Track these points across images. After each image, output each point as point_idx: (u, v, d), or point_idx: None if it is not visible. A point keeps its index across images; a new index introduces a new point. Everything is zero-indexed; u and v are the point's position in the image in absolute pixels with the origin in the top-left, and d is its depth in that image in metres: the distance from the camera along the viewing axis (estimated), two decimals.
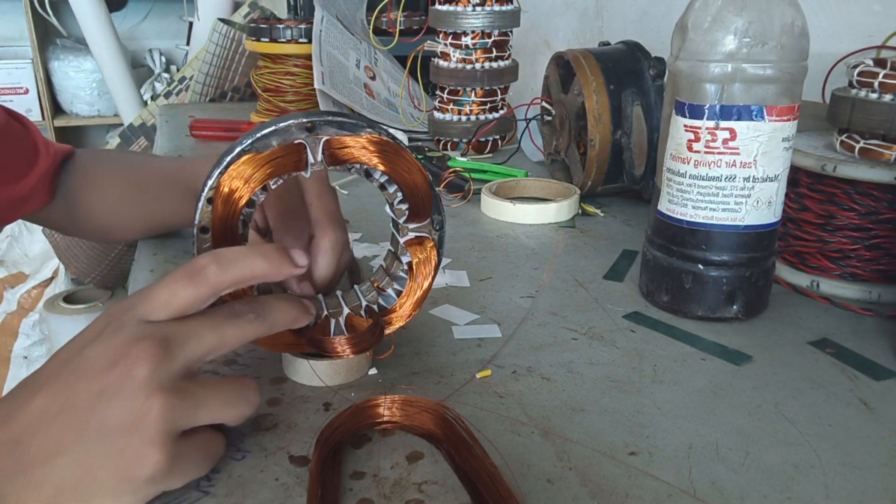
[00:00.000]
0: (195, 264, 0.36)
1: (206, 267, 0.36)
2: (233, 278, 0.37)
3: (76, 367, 0.34)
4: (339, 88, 1.07)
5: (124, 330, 0.35)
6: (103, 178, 0.69)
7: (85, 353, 0.34)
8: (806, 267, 0.60)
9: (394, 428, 0.41)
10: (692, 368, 0.49)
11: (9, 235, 2.15)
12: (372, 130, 0.41)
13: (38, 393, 0.34)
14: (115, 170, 0.70)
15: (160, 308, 0.36)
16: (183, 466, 0.35)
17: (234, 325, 0.37)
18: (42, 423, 0.33)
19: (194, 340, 0.35)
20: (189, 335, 0.35)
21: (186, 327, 0.36)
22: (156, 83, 2.82)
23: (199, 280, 0.36)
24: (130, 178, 0.68)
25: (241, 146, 0.40)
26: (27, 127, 0.68)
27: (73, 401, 0.33)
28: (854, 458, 0.40)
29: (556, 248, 0.64)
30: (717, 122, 0.50)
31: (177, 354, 0.35)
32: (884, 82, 0.53)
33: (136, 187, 0.68)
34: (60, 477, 0.32)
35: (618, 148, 0.79)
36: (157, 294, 0.36)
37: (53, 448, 0.33)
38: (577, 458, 0.39)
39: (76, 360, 0.34)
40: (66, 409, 0.33)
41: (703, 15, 0.50)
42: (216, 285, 0.36)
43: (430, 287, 0.46)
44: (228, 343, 0.37)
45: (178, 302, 0.36)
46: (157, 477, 0.33)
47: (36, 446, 0.33)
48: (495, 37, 0.98)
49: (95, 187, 0.69)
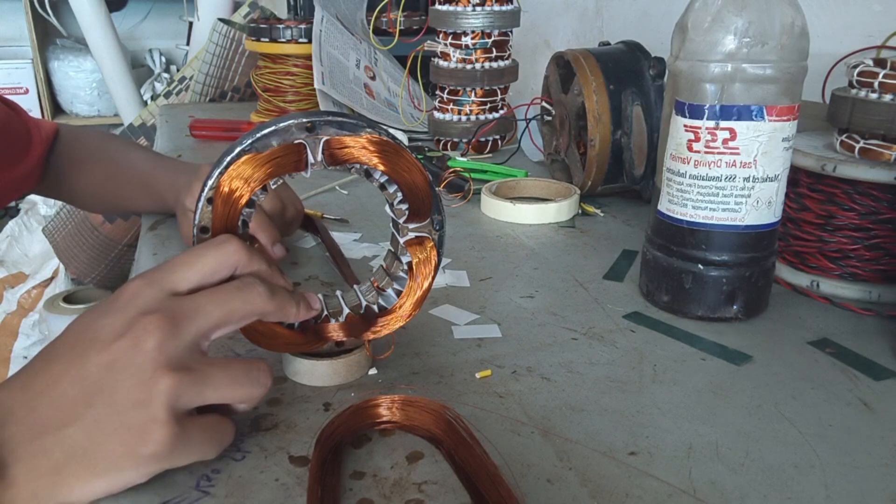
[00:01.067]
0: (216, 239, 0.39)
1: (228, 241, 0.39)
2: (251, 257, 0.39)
3: (90, 336, 0.35)
4: (339, 88, 1.07)
5: (137, 301, 0.35)
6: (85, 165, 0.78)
7: (99, 324, 0.35)
8: (806, 267, 0.60)
9: (394, 428, 0.41)
10: (692, 368, 0.49)
11: (9, 235, 2.14)
12: (372, 130, 0.41)
13: (55, 361, 0.35)
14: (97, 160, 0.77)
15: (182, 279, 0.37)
16: (188, 445, 0.35)
17: (242, 298, 0.37)
18: (57, 389, 0.34)
19: (202, 314, 0.36)
20: (197, 309, 0.36)
21: (195, 302, 0.36)
22: (156, 83, 2.82)
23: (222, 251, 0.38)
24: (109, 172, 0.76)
25: (241, 146, 0.40)
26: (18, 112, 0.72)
27: (85, 369, 0.34)
28: (854, 458, 0.40)
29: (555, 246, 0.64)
30: (717, 122, 0.50)
31: (185, 328, 0.35)
32: (884, 82, 0.53)
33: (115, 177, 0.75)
34: (71, 445, 0.33)
35: (618, 148, 0.79)
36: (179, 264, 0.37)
37: (66, 414, 0.33)
38: (577, 458, 0.39)
39: (90, 331, 0.35)
40: (79, 377, 0.34)
41: (703, 15, 0.50)
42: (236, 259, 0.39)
43: (430, 287, 0.46)
44: (236, 316, 0.37)
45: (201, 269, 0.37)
46: (161, 454, 0.34)
47: (49, 413, 0.33)
48: (495, 37, 0.98)
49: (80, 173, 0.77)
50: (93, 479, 0.33)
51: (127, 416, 0.33)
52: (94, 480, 0.33)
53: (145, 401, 0.33)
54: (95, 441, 0.33)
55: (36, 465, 0.33)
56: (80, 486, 0.33)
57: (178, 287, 0.37)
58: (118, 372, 0.34)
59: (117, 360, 0.34)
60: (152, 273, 0.37)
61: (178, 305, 0.36)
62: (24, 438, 0.33)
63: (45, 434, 0.33)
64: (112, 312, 0.35)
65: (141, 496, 0.35)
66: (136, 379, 0.34)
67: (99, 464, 0.33)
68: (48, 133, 0.77)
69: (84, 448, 0.33)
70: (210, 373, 0.36)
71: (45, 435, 0.33)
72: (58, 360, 0.35)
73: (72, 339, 0.36)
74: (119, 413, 0.33)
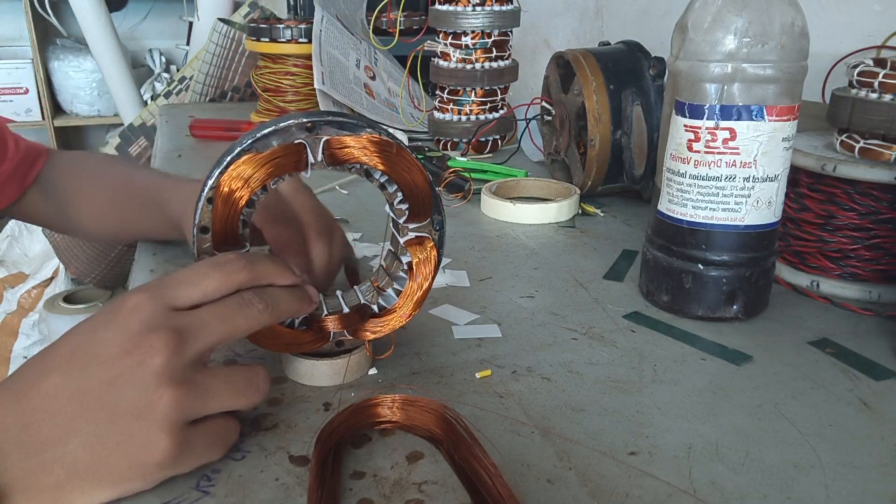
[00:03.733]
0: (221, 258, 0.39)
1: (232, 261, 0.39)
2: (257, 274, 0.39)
3: (91, 350, 0.34)
4: (339, 88, 1.07)
5: (141, 316, 0.35)
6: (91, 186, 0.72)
7: (100, 337, 0.35)
8: (806, 267, 0.60)
9: (394, 428, 0.41)
10: (692, 368, 0.49)
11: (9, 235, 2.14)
12: (372, 130, 0.41)
13: (51, 373, 0.34)
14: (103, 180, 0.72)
15: (184, 295, 0.37)
16: (193, 452, 0.35)
17: (244, 315, 0.38)
18: (54, 404, 0.33)
19: (207, 331, 0.36)
20: (202, 326, 0.36)
21: (199, 319, 0.36)
22: (156, 83, 2.82)
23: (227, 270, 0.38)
24: (117, 190, 0.70)
25: (241, 146, 0.40)
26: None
27: (86, 384, 0.34)
28: (854, 458, 0.40)
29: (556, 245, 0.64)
30: (717, 122, 0.50)
31: (190, 346, 0.35)
32: (884, 82, 0.53)
33: (119, 201, 0.70)
34: (72, 460, 0.33)
35: (618, 148, 0.79)
36: (182, 280, 0.37)
37: (65, 430, 0.33)
38: (577, 458, 0.39)
39: (90, 344, 0.35)
40: (79, 392, 0.33)
41: (703, 15, 0.50)
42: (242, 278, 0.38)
43: (430, 287, 0.46)
44: (239, 332, 0.38)
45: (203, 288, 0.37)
46: (166, 463, 0.34)
47: (47, 428, 0.33)
48: (495, 37, 0.98)
49: (84, 194, 0.71)
50: (97, 491, 0.33)
51: (130, 429, 0.33)
52: (99, 492, 0.33)
53: (149, 412, 0.33)
54: (99, 455, 0.33)
55: (35, 483, 0.32)
56: (85, 498, 0.33)
57: (180, 304, 0.37)
58: (121, 387, 0.33)
59: (121, 376, 0.34)
60: (154, 287, 0.37)
61: (182, 323, 0.35)
62: (21, 456, 0.33)
63: (43, 451, 0.33)
64: (113, 326, 0.35)
65: (141, 496, 0.35)
66: (139, 394, 0.34)
67: (104, 477, 0.33)
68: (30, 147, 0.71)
69: (86, 462, 0.33)
70: (212, 384, 0.36)
71: (44, 452, 0.33)
72: (54, 373, 0.34)
73: (68, 351, 0.35)
74: (122, 425, 0.33)
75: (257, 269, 0.39)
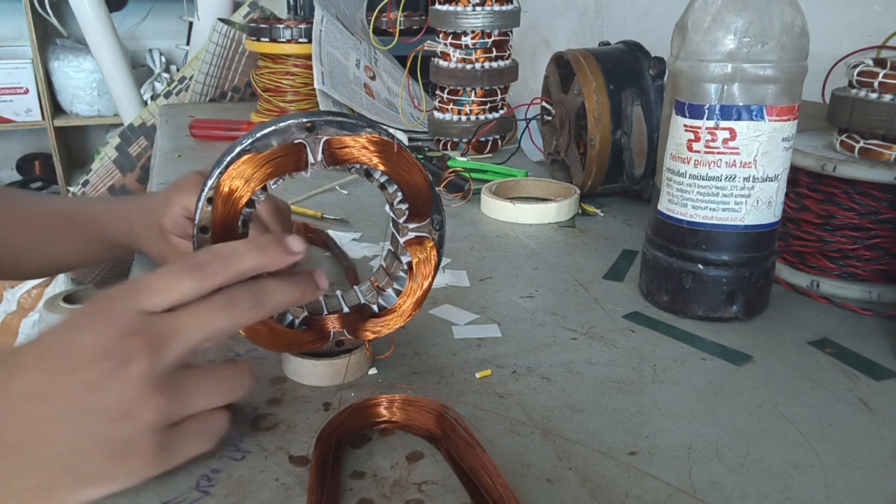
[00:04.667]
0: (197, 259, 0.36)
1: (208, 264, 0.36)
2: (235, 272, 0.37)
3: (65, 353, 0.33)
4: (339, 88, 1.07)
5: (117, 321, 0.34)
6: None
7: (74, 340, 0.34)
8: (806, 267, 0.60)
9: (394, 428, 0.41)
10: (692, 368, 0.49)
11: None
12: (372, 130, 0.41)
13: (20, 373, 0.33)
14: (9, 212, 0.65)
15: (158, 299, 0.35)
16: (178, 449, 0.35)
17: (227, 315, 0.36)
18: (25, 406, 0.32)
19: (186, 335, 0.35)
20: (181, 330, 0.35)
21: (179, 321, 0.35)
22: (156, 83, 2.82)
23: (201, 275, 0.36)
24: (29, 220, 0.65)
25: (241, 146, 0.40)
26: None
27: (60, 386, 0.33)
28: (854, 458, 0.40)
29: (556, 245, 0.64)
30: (717, 122, 0.50)
31: (169, 349, 0.34)
32: (884, 82, 0.53)
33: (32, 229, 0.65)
34: (49, 463, 0.32)
35: (618, 148, 0.79)
36: (156, 284, 0.35)
37: (38, 433, 0.32)
38: (577, 458, 0.39)
39: (63, 346, 0.34)
40: (50, 395, 0.32)
41: (703, 15, 0.50)
42: (218, 281, 0.36)
43: (430, 287, 0.46)
44: (222, 333, 0.37)
45: (176, 294, 0.35)
46: (149, 464, 0.34)
47: (17, 430, 0.32)
48: (495, 37, 0.98)
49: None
50: (84, 490, 0.33)
51: (110, 433, 0.33)
52: (86, 490, 0.33)
53: (129, 419, 0.33)
54: (79, 456, 0.33)
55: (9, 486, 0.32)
56: (73, 496, 0.33)
57: (156, 307, 0.35)
58: (99, 391, 0.33)
59: (98, 380, 0.33)
60: (129, 289, 0.35)
61: (160, 327, 0.34)
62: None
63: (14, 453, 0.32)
64: (90, 330, 0.34)
65: (141, 496, 0.35)
66: (118, 399, 0.33)
67: (87, 477, 0.33)
68: None
69: (65, 465, 0.33)
70: (194, 385, 0.35)
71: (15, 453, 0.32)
72: (23, 373, 0.33)
73: (39, 353, 0.34)
74: (101, 429, 0.33)
75: (237, 268, 0.37)
